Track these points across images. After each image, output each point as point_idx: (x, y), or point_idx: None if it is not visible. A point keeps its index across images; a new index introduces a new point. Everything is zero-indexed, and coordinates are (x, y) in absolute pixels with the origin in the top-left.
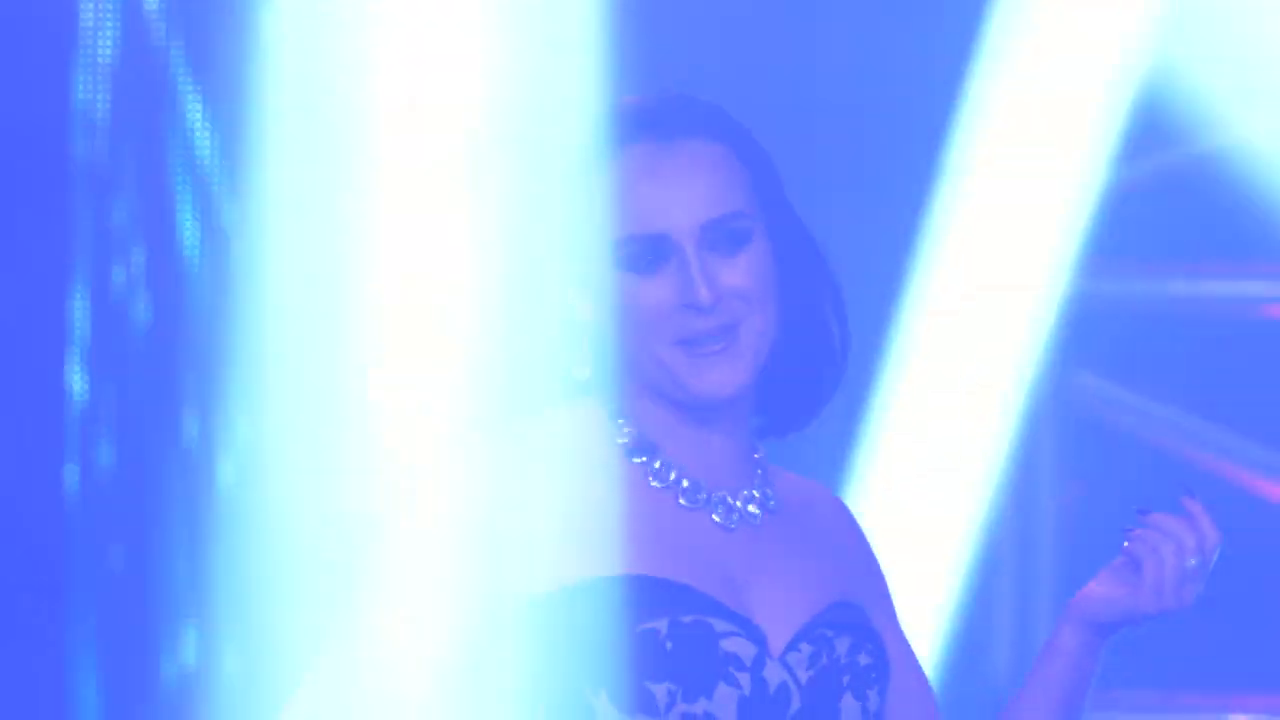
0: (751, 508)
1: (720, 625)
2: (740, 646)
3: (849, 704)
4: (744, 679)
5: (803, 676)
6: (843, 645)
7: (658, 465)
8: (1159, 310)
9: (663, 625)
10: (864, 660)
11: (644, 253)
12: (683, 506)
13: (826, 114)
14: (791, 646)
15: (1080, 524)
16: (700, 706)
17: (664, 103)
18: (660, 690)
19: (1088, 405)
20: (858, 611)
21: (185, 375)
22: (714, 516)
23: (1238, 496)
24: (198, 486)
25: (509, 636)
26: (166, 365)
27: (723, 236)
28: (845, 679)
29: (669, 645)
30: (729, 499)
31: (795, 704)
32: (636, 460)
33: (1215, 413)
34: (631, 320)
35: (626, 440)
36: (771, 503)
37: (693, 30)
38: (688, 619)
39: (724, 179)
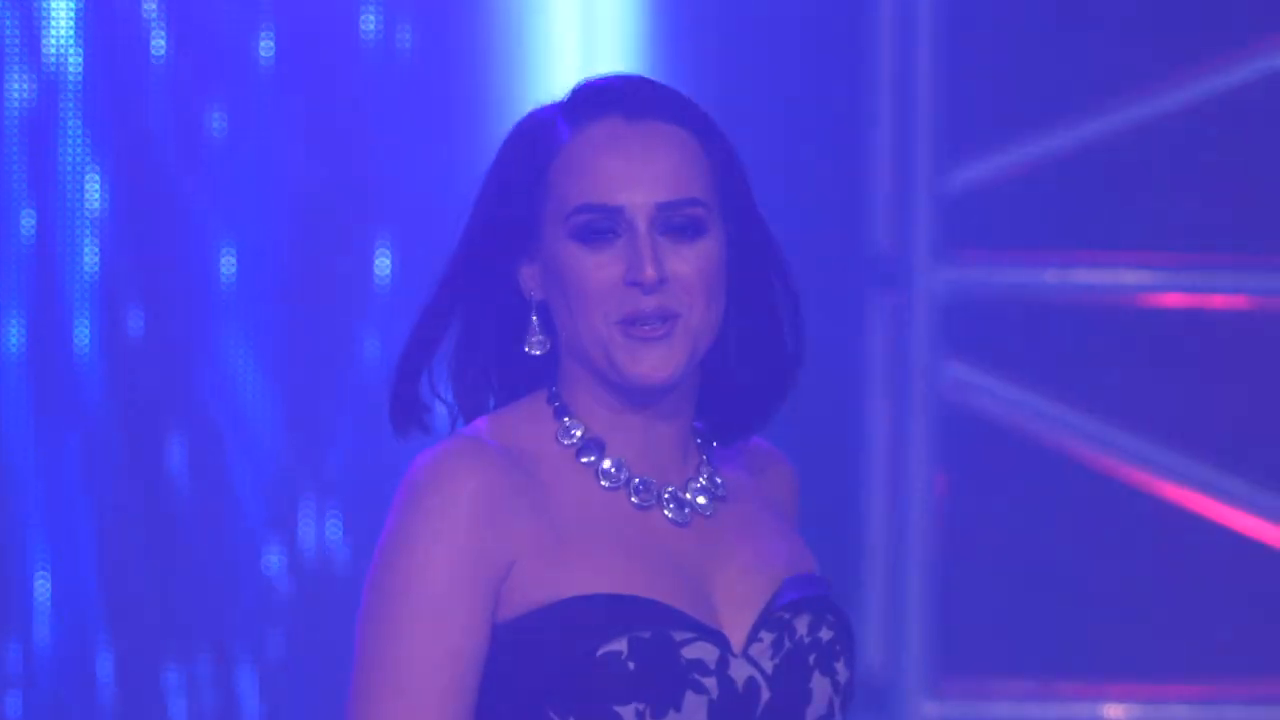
0: (701, 499)
1: (679, 634)
2: (702, 651)
3: (819, 682)
4: (710, 683)
5: (768, 666)
6: (803, 624)
7: (607, 464)
8: (1030, 299)
9: (623, 645)
10: (826, 635)
11: (595, 224)
12: (634, 505)
13: None
14: (752, 638)
15: (951, 514)
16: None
17: (632, 83)
18: (628, 711)
19: (959, 394)
20: (812, 582)
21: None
22: (665, 513)
23: (1109, 486)
24: None
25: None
26: None
27: (677, 222)
28: (811, 658)
29: (631, 665)
30: (680, 493)
31: (765, 695)
32: (585, 460)
33: (1087, 402)
34: (575, 294)
35: (575, 441)
36: (720, 490)
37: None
38: (646, 634)
39: (686, 164)
